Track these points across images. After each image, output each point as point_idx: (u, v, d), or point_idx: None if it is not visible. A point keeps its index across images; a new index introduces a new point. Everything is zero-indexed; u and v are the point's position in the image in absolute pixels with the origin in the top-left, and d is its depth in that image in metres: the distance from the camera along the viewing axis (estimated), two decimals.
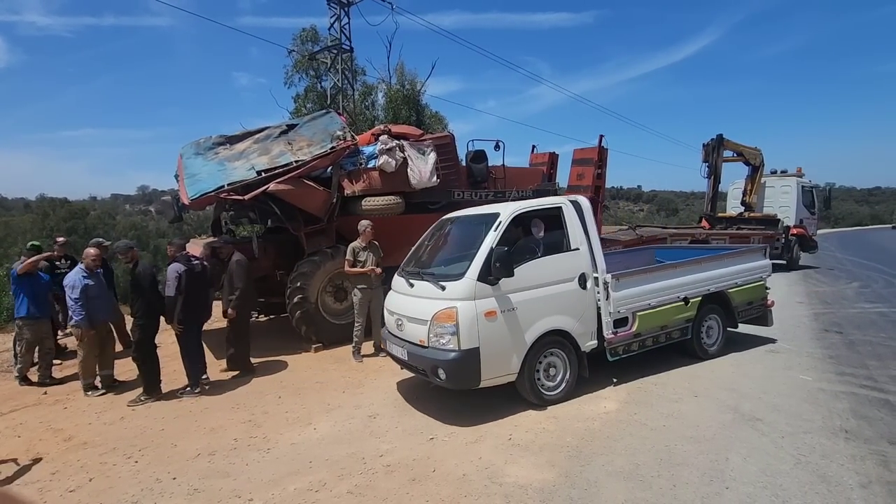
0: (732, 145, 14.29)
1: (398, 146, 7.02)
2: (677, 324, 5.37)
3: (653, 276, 5.23)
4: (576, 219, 4.80)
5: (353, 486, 3.33)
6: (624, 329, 4.93)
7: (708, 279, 5.62)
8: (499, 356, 4.20)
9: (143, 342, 5.07)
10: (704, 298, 5.59)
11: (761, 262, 6.28)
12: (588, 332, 4.73)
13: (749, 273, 6.05)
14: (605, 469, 3.41)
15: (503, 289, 4.24)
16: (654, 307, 5.12)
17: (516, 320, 4.27)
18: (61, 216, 37.27)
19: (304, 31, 23.58)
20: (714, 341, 5.85)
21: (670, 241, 11.52)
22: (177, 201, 7.52)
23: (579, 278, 4.66)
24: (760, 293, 6.22)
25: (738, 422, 4.13)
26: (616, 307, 4.76)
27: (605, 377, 5.09)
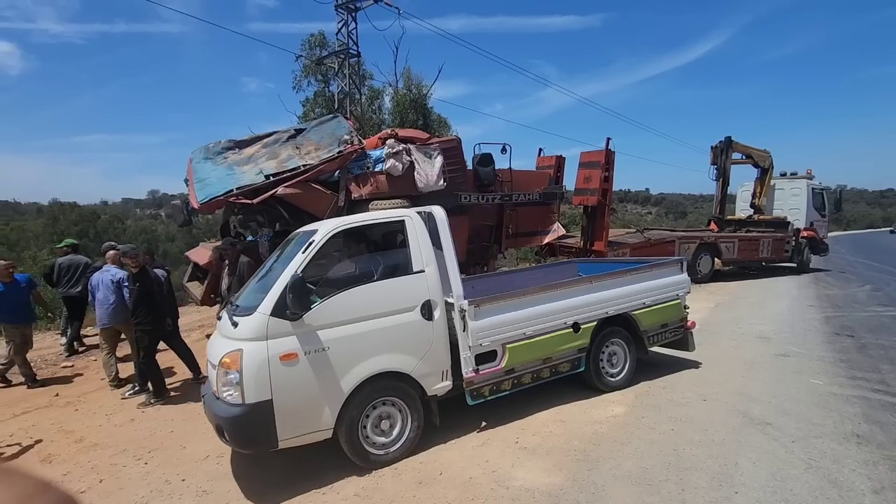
0: (741, 147, 14.20)
1: (405, 150, 7.05)
2: (566, 354, 4.53)
3: (528, 301, 4.35)
4: (425, 234, 3.96)
5: (361, 488, 3.34)
6: (491, 365, 4.09)
7: (604, 301, 4.76)
8: (302, 410, 3.35)
9: (152, 347, 5.15)
10: (602, 323, 4.76)
11: (677, 278, 5.39)
12: (437, 371, 3.86)
13: (661, 291, 5.20)
14: (613, 473, 3.40)
15: (310, 324, 3.40)
16: (530, 337, 4.26)
17: (328, 363, 3.42)
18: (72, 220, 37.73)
19: (312, 36, 23.79)
20: (620, 370, 5.00)
21: (678, 243, 11.46)
22: (187, 205, 7.60)
23: (423, 307, 3.78)
24: (677, 313, 5.34)
25: (747, 426, 4.10)
26: (477, 340, 3.92)
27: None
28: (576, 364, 4.63)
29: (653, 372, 5.37)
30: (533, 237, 9.86)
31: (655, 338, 5.19)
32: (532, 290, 4.45)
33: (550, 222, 9.79)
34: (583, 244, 10.61)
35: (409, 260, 3.87)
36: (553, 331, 4.42)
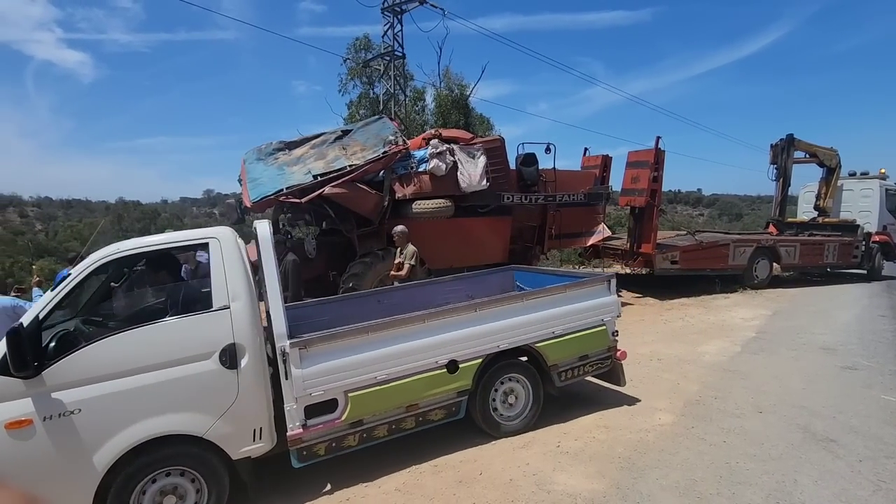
0: (805, 146, 13.32)
1: (448, 150, 7.10)
2: (438, 399, 3.67)
3: (381, 338, 3.48)
4: (237, 261, 3.19)
5: (402, 484, 3.39)
6: (328, 417, 3.30)
7: (494, 333, 3.85)
8: (39, 491, 2.60)
9: None
10: (492, 359, 3.90)
11: (602, 301, 4.41)
12: (246, 430, 3.08)
13: (579, 317, 4.25)
14: (660, 483, 3.28)
15: (55, 382, 2.68)
16: (384, 382, 3.45)
17: (76, 432, 2.68)
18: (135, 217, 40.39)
19: (357, 39, 24.31)
20: (520, 412, 4.10)
21: (733, 246, 10.90)
22: (240, 204, 7.97)
23: (223, 353, 2.99)
24: (601, 342, 4.38)
25: (808, 442, 3.85)
26: (304, 389, 3.18)
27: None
28: (453, 410, 3.76)
29: (705, 385, 5.13)
30: (577, 239, 9.67)
31: (571, 373, 4.25)
32: (386, 324, 3.60)
33: (595, 223, 9.57)
34: (629, 246, 10.29)
35: (210, 294, 3.09)
36: (418, 373, 3.56)
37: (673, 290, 10.47)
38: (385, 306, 4.84)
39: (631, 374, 5.39)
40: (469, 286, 5.43)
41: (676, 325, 7.78)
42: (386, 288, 5.48)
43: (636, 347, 6.47)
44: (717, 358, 6.03)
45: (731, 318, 8.31)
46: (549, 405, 4.46)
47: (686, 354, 6.18)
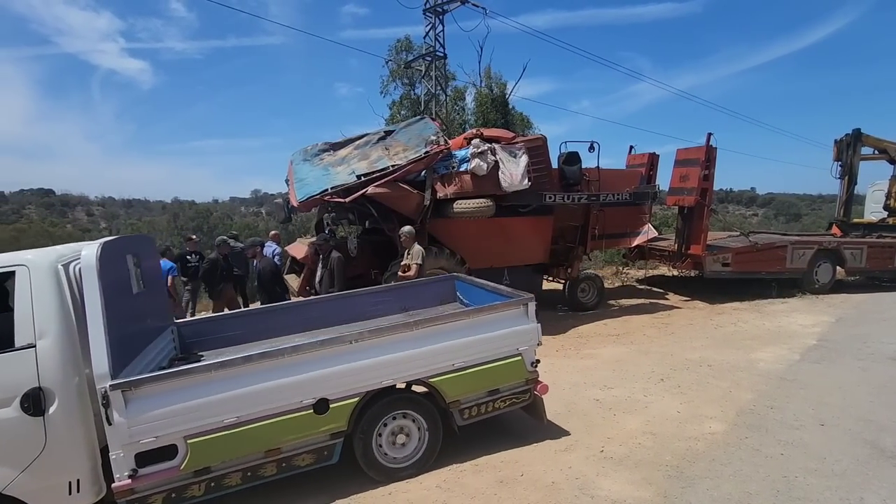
0: (873, 141, 12.39)
1: (490, 149, 7.07)
2: (305, 443, 3.20)
3: (229, 376, 3.01)
4: (49, 292, 2.82)
5: (442, 481, 3.41)
6: (165, 465, 2.89)
7: (375, 367, 3.35)
8: None
9: None
10: (375, 395, 3.40)
11: (518, 328, 3.80)
12: (57, 483, 2.76)
13: (487, 347, 3.67)
14: (711, 494, 3.15)
15: None
16: (235, 426, 3.00)
17: None
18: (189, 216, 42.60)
19: (399, 41, 24.63)
20: (412, 453, 3.55)
21: (791, 248, 10.27)
22: (287, 204, 8.24)
23: (24, 398, 2.68)
24: (516, 375, 3.79)
25: (876, 458, 3.59)
26: (133, 436, 2.78)
27: None
28: (325, 454, 3.28)
29: (759, 393, 4.87)
30: (621, 239, 9.41)
31: (477, 409, 3.69)
32: (234, 362, 3.05)
33: (641, 224, 9.27)
34: (677, 247, 9.90)
35: (13, 330, 2.74)
36: (279, 414, 3.10)
37: (724, 294, 9.98)
38: (306, 319, 4.55)
39: (679, 381, 5.23)
40: (404, 297, 5.02)
41: (728, 331, 7.43)
42: (311, 299, 5.11)
43: (685, 353, 6.25)
44: (774, 366, 5.71)
45: (788, 324, 7.85)
46: (592, 410, 4.37)
47: (739, 361, 5.89)
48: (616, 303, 9.41)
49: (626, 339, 6.97)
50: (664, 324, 7.89)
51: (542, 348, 6.46)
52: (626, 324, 7.87)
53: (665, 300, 9.89)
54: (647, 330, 7.49)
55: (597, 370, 5.63)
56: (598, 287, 9.02)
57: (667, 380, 5.27)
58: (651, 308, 9.03)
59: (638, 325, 7.81)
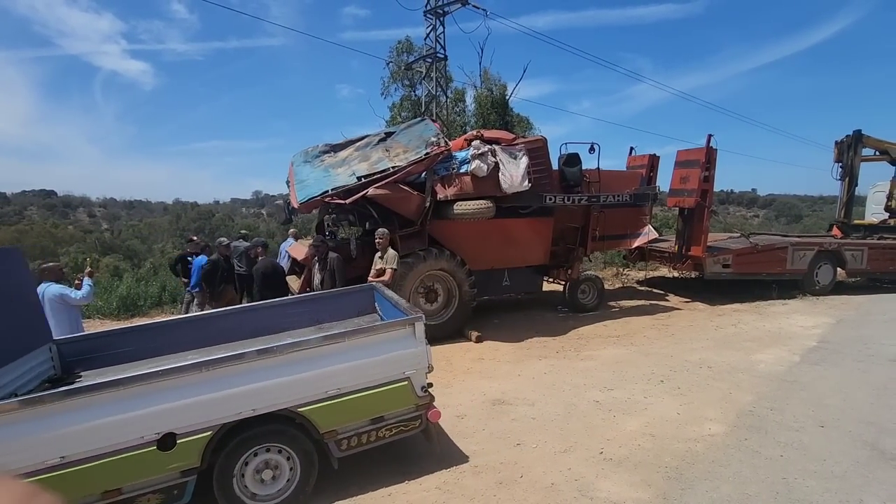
0: (874, 142, 12.39)
1: (490, 151, 7.07)
2: (152, 482, 2.84)
3: (49, 412, 2.63)
4: None
5: (442, 482, 3.41)
6: None
7: (231, 398, 2.98)
8: None
9: None
10: (234, 427, 3.03)
11: (403, 351, 3.42)
12: None
13: (367, 372, 3.32)
14: (710, 496, 3.15)
15: None
16: (61, 466, 2.65)
17: None
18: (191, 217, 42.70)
19: (399, 42, 24.69)
20: (283, 489, 3.19)
21: (791, 250, 10.27)
22: (288, 205, 8.26)
23: None
24: (402, 401, 3.44)
25: (876, 459, 3.59)
26: None
27: None
28: (175, 494, 2.91)
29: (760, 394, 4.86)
30: (621, 240, 9.41)
31: (358, 439, 3.33)
32: (57, 396, 2.66)
33: (641, 225, 9.28)
34: (677, 249, 9.90)
35: None
36: (116, 452, 2.74)
37: (725, 295, 9.98)
38: (207, 335, 4.27)
39: (679, 382, 5.23)
40: (319, 308, 4.70)
41: (728, 332, 7.42)
42: (217, 311, 4.72)
43: (685, 354, 6.25)
44: (774, 367, 5.71)
45: (789, 325, 7.84)
46: (591, 411, 4.36)
47: (739, 363, 5.89)
48: (616, 304, 9.41)
49: (626, 341, 6.97)
50: (664, 325, 7.88)
51: (543, 349, 6.57)
52: (627, 325, 7.87)
53: (665, 301, 9.89)
54: (648, 331, 7.49)
55: (597, 371, 5.64)
56: (599, 288, 9.02)
57: (667, 381, 5.27)
58: (651, 309, 9.02)
59: (638, 326, 7.81)
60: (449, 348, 6.70)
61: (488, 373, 5.71)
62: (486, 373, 5.71)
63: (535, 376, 5.52)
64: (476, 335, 7.00)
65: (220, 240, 7.67)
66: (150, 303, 9.85)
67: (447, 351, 6.58)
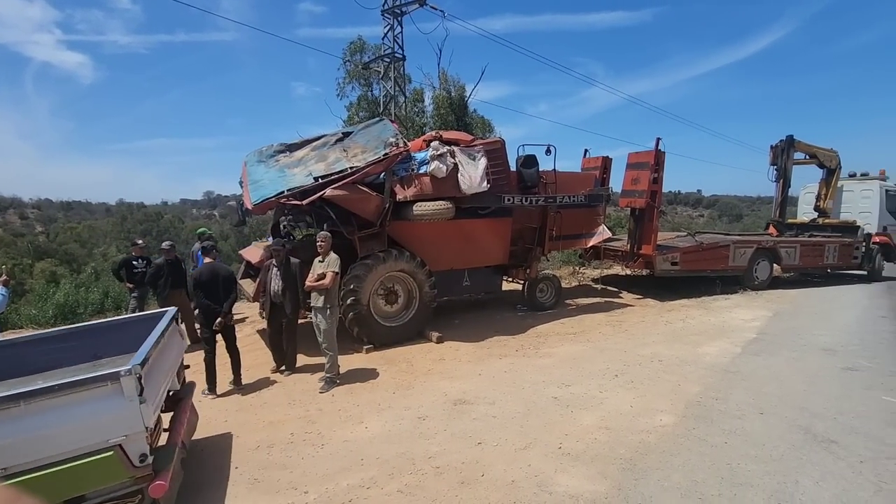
0: (804, 147, 13.34)
1: (449, 152, 7.10)
2: None
3: None
4: None
5: (404, 485, 3.39)
6: None
7: None
8: None
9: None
10: None
11: (107, 414, 2.66)
12: None
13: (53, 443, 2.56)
14: (662, 484, 3.29)
15: None
16: None
17: None
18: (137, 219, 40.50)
19: (352, 43, 24.39)
20: None
21: (733, 248, 10.90)
22: (241, 206, 7.97)
23: None
24: (112, 475, 2.71)
25: (809, 443, 3.86)
26: None
27: None
28: None
29: (707, 386, 5.12)
30: (577, 240, 9.68)
31: None
32: None
33: (596, 225, 9.57)
34: (629, 248, 10.30)
35: None
36: None
37: (674, 292, 10.47)
38: None
39: (632, 376, 5.44)
40: (99, 340, 3.92)
41: (677, 327, 7.78)
42: None
43: (637, 349, 6.50)
44: (718, 359, 6.04)
45: (731, 319, 8.32)
46: (549, 407, 4.46)
47: (687, 355, 6.19)
48: (573, 302, 9.67)
49: (582, 338, 7.17)
50: (618, 321, 8.17)
51: (503, 348, 6.66)
52: (583, 322, 8.10)
53: (619, 299, 10.25)
54: (603, 328, 7.74)
55: (555, 368, 5.77)
56: (556, 287, 9.24)
57: (621, 376, 5.46)
58: (606, 307, 9.33)
59: (593, 323, 8.05)
60: (410, 349, 6.68)
61: (449, 373, 5.73)
62: (447, 373, 5.73)
63: (496, 375, 5.59)
64: (437, 336, 7.01)
65: (165, 243, 7.32)
66: (91, 310, 9.26)
67: (408, 352, 6.55)
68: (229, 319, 5.48)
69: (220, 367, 5.41)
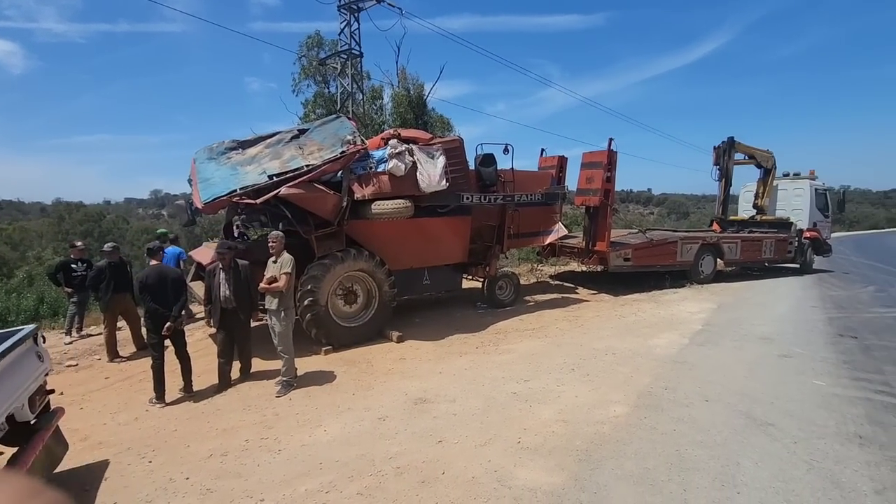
0: (744, 148, 14.18)
1: (407, 150, 7.07)
2: None
3: None
4: None
5: (363, 487, 3.35)
6: None
7: None
8: None
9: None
10: None
11: None
12: None
13: None
14: (615, 473, 3.41)
15: None
16: None
17: None
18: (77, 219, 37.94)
19: (309, 37, 23.86)
20: None
21: (680, 244, 11.44)
22: (190, 205, 7.64)
23: None
24: None
25: (750, 427, 4.10)
26: None
27: None
28: None
29: (657, 376, 5.35)
30: (535, 237, 9.87)
31: None
32: None
33: (553, 223, 9.80)
34: (585, 245, 10.62)
35: None
36: None
37: (627, 286, 10.88)
38: None
39: (588, 370, 5.61)
40: None
41: (630, 320, 8.09)
42: None
43: (592, 343, 6.70)
44: (668, 350, 6.32)
45: (679, 312, 8.73)
46: (508, 402, 4.52)
47: (639, 348, 6.44)
48: (531, 299, 9.87)
49: (540, 333, 7.32)
50: (574, 317, 8.41)
51: (463, 346, 6.70)
52: (541, 318, 8.28)
53: (575, 294, 10.55)
54: (560, 323, 7.93)
55: (514, 364, 5.86)
56: (515, 284, 9.40)
57: (577, 369, 5.62)
58: (563, 302, 9.58)
59: (551, 319, 8.25)
60: (370, 350, 6.61)
61: (410, 372, 5.71)
62: (408, 372, 5.71)
63: (456, 373, 5.62)
64: (397, 335, 6.97)
65: (107, 245, 6.90)
66: (24, 317, 8.62)
67: (368, 352, 6.49)
68: (179, 324, 5.24)
69: (169, 373, 5.17)
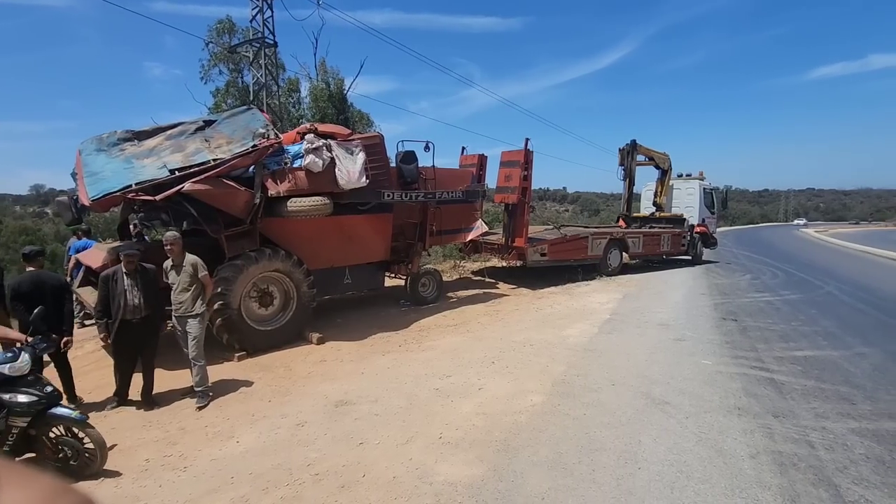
0: (644, 150, 15.46)
1: (325, 145, 6.84)
2: None
3: None
4: None
5: (279, 498, 3.21)
6: None
7: None
8: None
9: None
10: None
11: None
12: None
13: None
14: (531, 460, 3.56)
15: None
16: None
17: None
18: None
19: (220, 22, 22.34)
20: None
21: (591, 239, 12.23)
22: (75, 202, 6.81)
23: None
24: None
25: (649, 406, 4.48)
26: None
27: None
28: None
29: (573, 364, 5.67)
30: (457, 234, 10.03)
31: None
32: None
33: (474, 220, 10.01)
34: (504, 241, 10.98)
35: None
36: None
37: (544, 280, 11.42)
38: None
39: (507, 362, 5.80)
40: None
41: (546, 312, 8.50)
42: None
43: (512, 336, 6.95)
44: (580, 339, 6.73)
45: (590, 303, 9.33)
46: (431, 398, 4.55)
47: (554, 338, 6.79)
48: (454, 295, 10.02)
49: (462, 329, 7.47)
50: (495, 311, 8.67)
51: (386, 344, 6.65)
52: (463, 314, 8.44)
53: (496, 289, 10.88)
54: (481, 318, 8.14)
55: (437, 360, 5.92)
56: (438, 281, 9.49)
57: (497, 362, 5.80)
58: (484, 297, 9.84)
59: (473, 314, 8.44)
60: (288, 353, 6.33)
61: (330, 374, 5.55)
62: (329, 375, 5.55)
63: (379, 372, 5.56)
64: (317, 337, 6.75)
65: None
66: None
67: (286, 356, 6.21)
68: (70, 344, 4.61)
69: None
